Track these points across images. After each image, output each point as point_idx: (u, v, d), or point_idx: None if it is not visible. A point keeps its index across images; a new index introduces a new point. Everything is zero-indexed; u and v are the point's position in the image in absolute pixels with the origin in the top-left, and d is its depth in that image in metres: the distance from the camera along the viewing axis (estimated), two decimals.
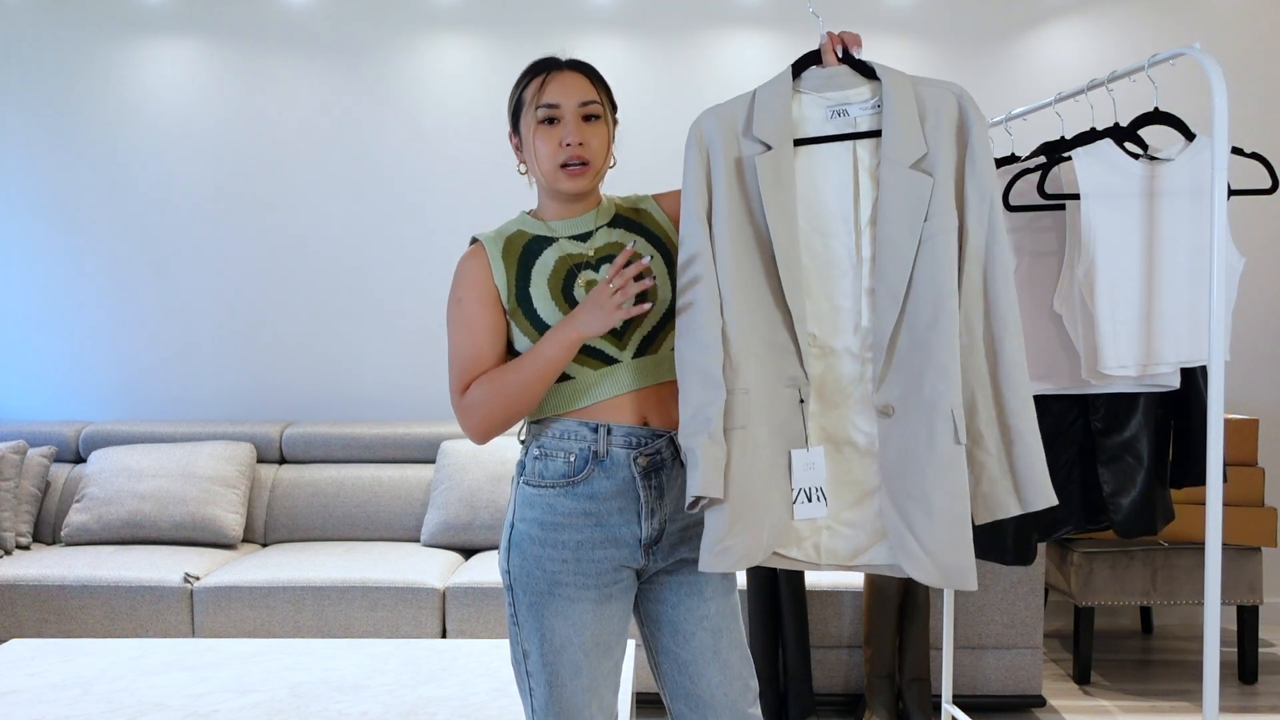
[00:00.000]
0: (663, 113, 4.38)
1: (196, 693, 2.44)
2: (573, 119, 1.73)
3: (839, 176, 1.73)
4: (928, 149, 1.67)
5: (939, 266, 1.65)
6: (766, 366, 1.71)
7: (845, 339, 1.73)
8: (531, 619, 1.72)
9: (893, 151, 1.67)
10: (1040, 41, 4.42)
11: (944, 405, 1.65)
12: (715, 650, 1.77)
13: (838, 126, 1.73)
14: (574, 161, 1.73)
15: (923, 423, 1.66)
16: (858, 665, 3.40)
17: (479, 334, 1.74)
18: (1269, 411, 4.39)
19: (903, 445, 1.69)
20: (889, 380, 1.69)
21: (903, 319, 1.68)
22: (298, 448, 4.21)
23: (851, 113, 1.72)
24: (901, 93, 1.68)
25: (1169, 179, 2.24)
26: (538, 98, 1.73)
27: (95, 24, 4.46)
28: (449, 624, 3.47)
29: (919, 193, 1.66)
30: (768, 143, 1.71)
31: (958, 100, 1.69)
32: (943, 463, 1.66)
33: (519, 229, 1.81)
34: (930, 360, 1.66)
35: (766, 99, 1.74)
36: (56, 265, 4.50)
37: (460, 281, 1.77)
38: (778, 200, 1.69)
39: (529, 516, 1.74)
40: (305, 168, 4.47)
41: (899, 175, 1.67)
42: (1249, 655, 3.71)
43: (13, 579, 3.54)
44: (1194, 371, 2.37)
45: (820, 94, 1.74)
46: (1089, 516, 2.44)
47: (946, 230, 1.66)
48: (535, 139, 1.73)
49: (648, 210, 1.86)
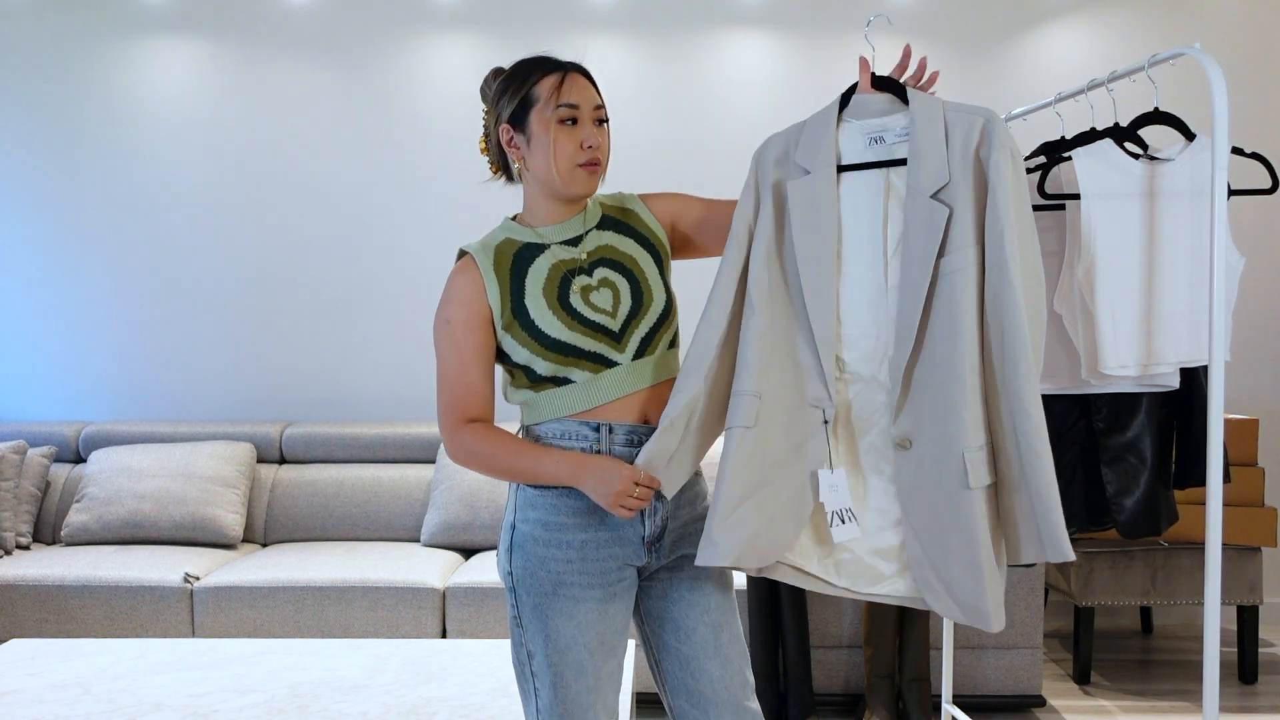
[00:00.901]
0: (662, 113, 4.38)
1: (196, 693, 2.44)
2: (590, 121, 1.74)
3: (872, 204, 1.72)
4: (950, 178, 1.63)
5: (956, 303, 1.62)
6: (788, 382, 1.72)
7: (873, 367, 1.72)
8: (536, 620, 1.72)
9: (916, 180, 1.65)
10: (1040, 41, 4.42)
11: (954, 447, 1.62)
12: (716, 645, 1.77)
13: (875, 154, 1.71)
14: (592, 163, 1.73)
15: (935, 461, 1.65)
16: (858, 665, 3.40)
17: (468, 361, 1.74)
18: (1269, 411, 4.39)
19: (918, 480, 1.68)
20: (905, 412, 1.68)
21: (919, 352, 1.66)
22: (298, 448, 4.21)
23: (887, 139, 1.71)
24: (930, 119, 1.65)
25: (1169, 179, 2.24)
26: (557, 96, 1.72)
27: (95, 24, 4.46)
28: (449, 624, 3.47)
29: (935, 223, 1.63)
30: (807, 168, 1.72)
31: (983, 124, 1.64)
32: (953, 505, 1.64)
33: (507, 237, 1.78)
34: (942, 398, 1.64)
35: (813, 126, 1.75)
36: (57, 265, 4.50)
37: (450, 301, 1.75)
38: (809, 224, 1.70)
39: (531, 517, 1.74)
40: (306, 168, 4.47)
41: (920, 204, 1.64)
42: (1249, 655, 3.71)
43: (13, 579, 3.54)
44: (1194, 371, 2.36)
45: (861, 121, 1.73)
46: (1092, 517, 2.43)
47: (967, 267, 1.62)
48: (557, 137, 1.72)
49: (635, 211, 1.85)
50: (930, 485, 1.66)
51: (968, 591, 1.65)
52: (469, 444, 1.74)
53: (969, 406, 1.62)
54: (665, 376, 1.77)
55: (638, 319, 1.74)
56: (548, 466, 1.69)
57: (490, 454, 1.73)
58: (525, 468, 1.71)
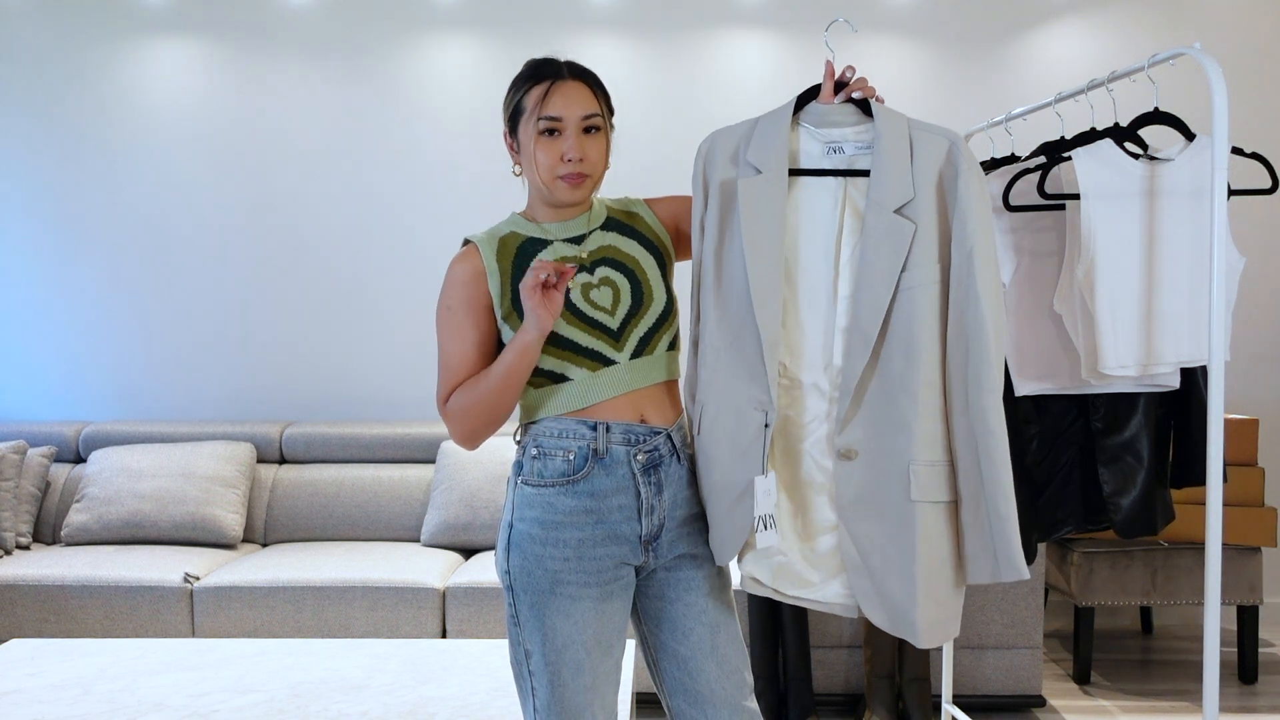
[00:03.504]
0: (662, 113, 4.38)
1: (196, 693, 2.44)
2: (574, 132, 1.72)
3: (827, 212, 1.72)
4: (914, 195, 1.64)
5: (915, 318, 1.64)
6: (737, 384, 1.72)
7: (814, 374, 1.73)
8: (533, 618, 1.72)
9: (878, 194, 1.66)
10: (1040, 41, 4.41)
11: (902, 460, 1.65)
12: (713, 645, 1.77)
13: (833, 162, 1.72)
14: (573, 175, 1.73)
15: (881, 472, 1.67)
16: (858, 665, 3.40)
17: (468, 344, 1.74)
18: (1269, 411, 4.39)
19: (862, 491, 1.69)
20: (854, 423, 1.69)
21: (875, 364, 1.67)
22: (298, 448, 4.21)
23: (847, 150, 1.71)
24: (895, 134, 1.66)
25: (1169, 179, 2.24)
26: (540, 108, 1.72)
27: (95, 24, 4.46)
28: (449, 624, 3.47)
29: (899, 238, 1.64)
30: (758, 168, 1.71)
31: (950, 146, 1.66)
32: (897, 516, 1.66)
33: (512, 230, 1.80)
34: (894, 411, 1.65)
35: (766, 126, 1.74)
36: (57, 265, 4.50)
37: (450, 287, 1.76)
38: (757, 226, 1.69)
39: (528, 516, 1.74)
40: (305, 168, 4.47)
41: (881, 218, 1.65)
42: (1249, 655, 3.71)
43: (13, 579, 3.54)
44: (1194, 371, 2.36)
45: (820, 128, 1.73)
46: (1089, 517, 2.43)
47: (927, 283, 1.64)
48: (536, 149, 1.73)
49: (639, 214, 1.87)
50: (875, 496, 1.68)
51: (899, 602, 1.68)
52: (453, 403, 1.74)
53: (920, 421, 1.64)
54: (663, 377, 1.78)
55: (637, 318, 1.75)
56: (506, 354, 1.68)
57: (470, 395, 1.72)
58: (495, 372, 1.69)
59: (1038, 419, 2.42)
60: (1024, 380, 2.36)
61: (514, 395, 1.71)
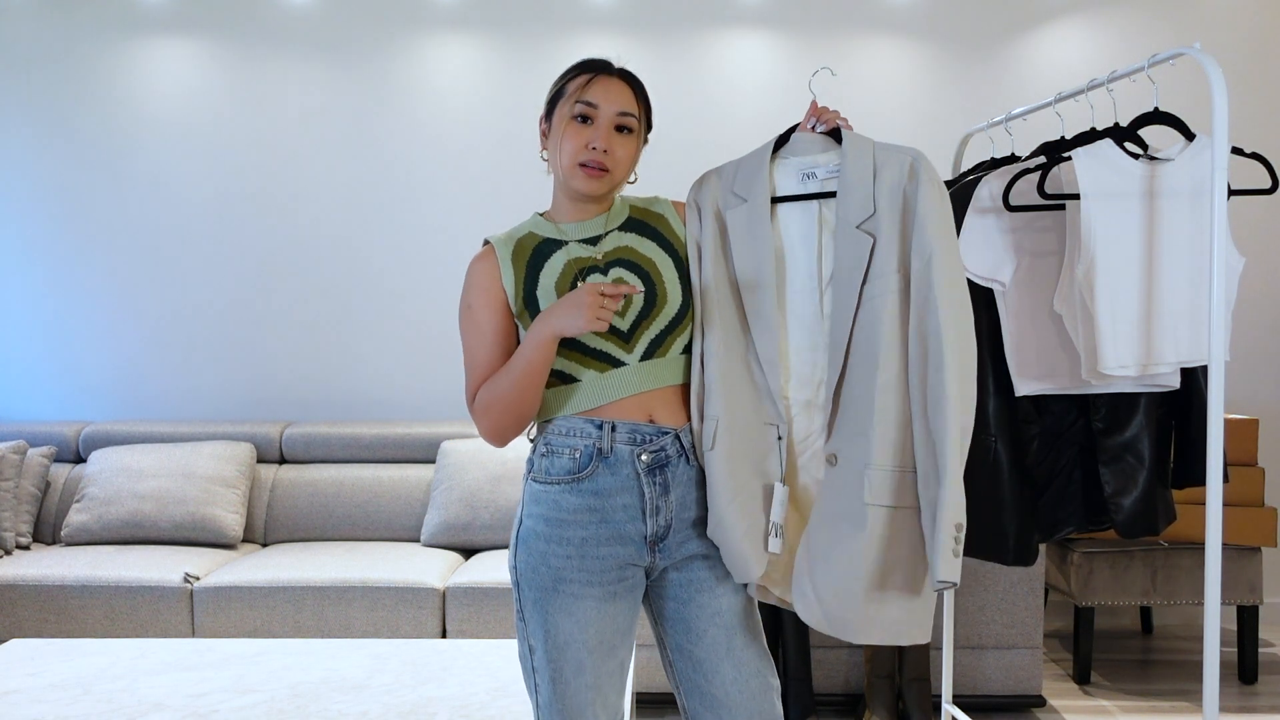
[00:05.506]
0: (661, 113, 4.37)
1: (196, 693, 2.44)
2: (606, 124, 1.75)
3: (807, 235, 1.79)
4: (874, 209, 1.71)
5: (874, 328, 1.70)
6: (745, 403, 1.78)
7: (808, 391, 1.79)
8: (536, 615, 1.73)
9: (844, 212, 1.73)
10: (1040, 41, 4.42)
11: (858, 464, 1.70)
12: (729, 647, 1.77)
13: (807, 188, 1.80)
14: (594, 165, 1.74)
15: (843, 477, 1.72)
16: (858, 665, 3.40)
17: (489, 341, 1.76)
18: (1269, 411, 4.39)
19: (837, 494, 1.74)
20: (836, 431, 1.75)
21: (845, 375, 1.73)
22: (298, 448, 4.21)
23: (819, 175, 1.79)
24: (859, 155, 1.73)
25: (1169, 179, 2.24)
26: (579, 93, 1.74)
27: (95, 24, 4.46)
28: (449, 624, 3.47)
29: (860, 252, 1.71)
30: (744, 197, 1.80)
31: (912, 161, 1.72)
32: (850, 516, 1.70)
33: (530, 231, 1.82)
34: (858, 418, 1.71)
35: (749, 161, 1.83)
36: (57, 265, 4.50)
37: (470, 287, 1.79)
38: (749, 249, 1.77)
39: (535, 513, 1.75)
40: (305, 168, 4.47)
41: (847, 234, 1.72)
42: (1249, 655, 3.71)
43: (13, 579, 3.54)
44: (1194, 371, 2.36)
45: (797, 158, 1.81)
46: (1090, 517, 2.43)
47: (887, 293, 1.69)
48: (565, 132, 1.75)
49: (663, 215, 1.87)
50: (838, 499, 1.72)
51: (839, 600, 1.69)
52: (479, 401, 1.74)
53: (876, 426, 1.69)
54: (678, 379, 1.78)
55: (649, 320, 1.75)
56: (525, 348, 1.68)
57: (492, 392, 1.72)
58: (515, 367, 1.69)
59: (1038, 419, 2.42)
60: (1024, 380, 2.35)
61: (534, 392, 1.71)
